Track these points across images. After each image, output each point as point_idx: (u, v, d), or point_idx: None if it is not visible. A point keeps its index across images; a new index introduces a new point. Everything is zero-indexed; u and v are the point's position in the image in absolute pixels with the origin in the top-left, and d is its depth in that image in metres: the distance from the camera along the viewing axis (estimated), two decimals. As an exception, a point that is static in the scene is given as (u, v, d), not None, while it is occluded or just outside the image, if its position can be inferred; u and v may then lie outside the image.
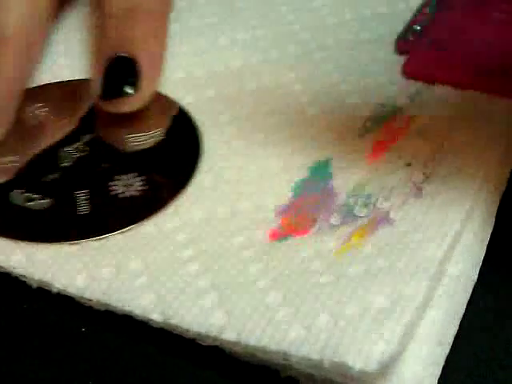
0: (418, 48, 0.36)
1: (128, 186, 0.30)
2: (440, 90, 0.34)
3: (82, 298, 0.27)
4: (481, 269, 0.28)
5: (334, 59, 0.36)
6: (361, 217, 0.29)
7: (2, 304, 0.28)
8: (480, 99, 0.34)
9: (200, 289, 0.27)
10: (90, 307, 0.27)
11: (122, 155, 0.32)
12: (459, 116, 0.33)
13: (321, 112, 0.34)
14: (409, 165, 0.31)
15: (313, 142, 0.32)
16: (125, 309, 0.26)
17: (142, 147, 0.32)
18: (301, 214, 0.29)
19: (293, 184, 0.31)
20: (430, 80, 0.35)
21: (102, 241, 0.29)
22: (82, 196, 0.30)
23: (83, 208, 0.30)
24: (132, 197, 0.30)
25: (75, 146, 0.32)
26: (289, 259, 0.28)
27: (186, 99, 0.34)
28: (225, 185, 0.31)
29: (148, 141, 0.32)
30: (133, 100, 0.31)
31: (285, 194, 0.30)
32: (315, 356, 0.24)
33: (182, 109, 0.34)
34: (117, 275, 0.27)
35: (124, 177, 0.31)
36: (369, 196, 0.30)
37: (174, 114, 0.33)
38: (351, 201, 0.30)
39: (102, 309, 0.27)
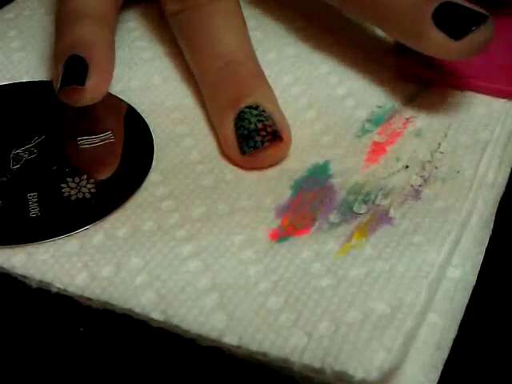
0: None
1: (79, 188, 0.30)
2: (437, 92, 0.34)
3: (81, 297, 0.27)
4: (480, 272, 0.28)
5: (332, 61, 0.36)
6: (360, 214, 0.29)
7: (1, 305, 0.28)
8: (477, 100, 0.34)
9: (201, 288, 0.27)
10: (89, 307, 0.27)
11: (72, 157, 0.32)
12: (457, 117, 0.33)
13: (319, 114, 0.34)
14: (406, 167, 0.31)
15: (311, 144, 0.33)
16: (125, 307, 0.26)
17: (92, 149, 0.32)
18: (300, 213, 0.30)
19: (292, 183, 0.31)
20: (428, 81, 0.35)
21: (102, 239, 0.29)
22: (33, 198, 0.30)
23: (35, 210, 0.30)
24: (84, 199, 0.30)
25: (26, 148, 0.32)
26: (289, 261, 0.28)
27: (166, 103, 0.35)
28: (225, 185, 0.31)
29: (99, 143, 0.32)
30: (83, 92, 0.32)
31: (284, 194, 0.30)
32: (317, 364, 0.24)
33: (134, 111, 0.34)
34: (117, 273, 0.27)
35: (76, 179, 0.31)
36: (368, 193, 0.30)
37: (124, 115, 0.34)
38: (350, 198, 0.30)
39: (102, 308, 0.27)
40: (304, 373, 0.25)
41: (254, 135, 0.31)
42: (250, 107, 0.32)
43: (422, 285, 0.26)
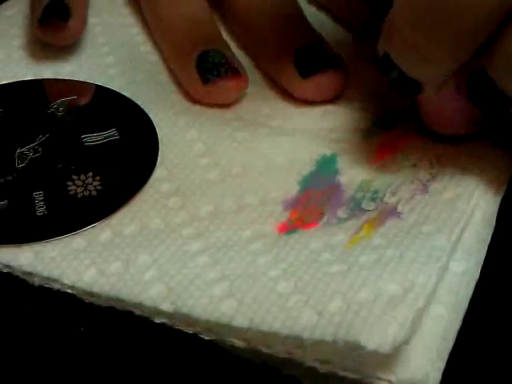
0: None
1: (85, 185, 0.30)
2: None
3: (90, 293, 0.27)
4: (483, 266, 0.28)
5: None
6: (369, 210, 0.29)
7: (2, 304, 0.28)
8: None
9: (210, 279, 0.27)
10: (90, 307, 0.27)
11: (77, 155, 0.32)
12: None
13: (326, 111, 0.34)
14: (414, 165, 0.31)
15: (319, 139, 0.33)
16: (134, 301, 0.26)
17: (97, 146, 0.32)
18: (309, 208, 0.30)
19: (300, 178, 0.31)
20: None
21: (109, 237, 0.29)
22: (39, 197, 0.30)
23: (41, 209, 0.30)
24: (90, 196, 0.30)
25: (31, 146, 0.32)
26: (298, 251, 0.28)
27: (169, 96, 0.35)
28: (232, 179, 0.31)
29: (103, 140, 0.32)
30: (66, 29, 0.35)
31: (292, 188, 0.30)
32: (328, 338, 0.24)
33: (138, 107, 0.34)
34: (126, 269, 0.27)
35: (82, 176, 0.31)
36: (376, 191, 0.30)
37: (128, 112, 0.34)
38: (359, 195, 0.30)
39: (106, 305, 0.27)
40: (308, 363, 0.25)
41: (217, 66, 0.33)
42: (213, 50, 0.34)
43: (433, 268, 0.26)
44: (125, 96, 0.34)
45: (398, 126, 0.33)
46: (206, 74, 0.33)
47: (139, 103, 0.34)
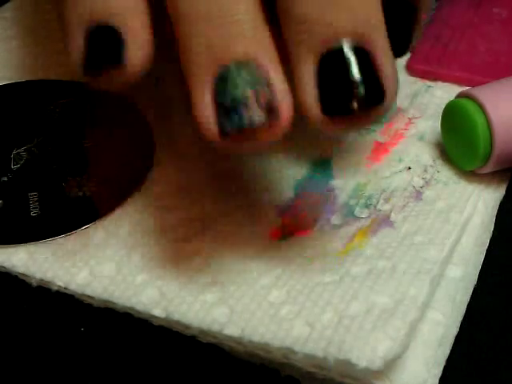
0: (423, 44, 0.36)
1: (80, 186, 0.30)
2: (440, 91, 0.34)
3: (82, 295, 0.27)
4: (480, 271, 0.28)
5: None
6: (362, 218, 0.29)
7: (1, 304, 0.28)
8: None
9: (202, 284, 0.27)
10: (89, 307, 0.27)
11: (73, 156, 0.32)
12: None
13: None
14: (409, 168, 0.31)
15: (313, 140, 0.32)
16: (126, 305, 0.26)
17: (93, 147, 0.32)
18: (302, 214, 0.29)
19: (293, 183, 0.31)
20: (434, 77, 0.35)
21: (103, 238, 0.28)
22: (34, 197, 0.30)
23: (36, 209, 0.29)
24: (85, 197, 0.30)
25: (27, 147, 0.32)
26: (290, 258, 0.28)
27: (164, 95, 0.34)
28: (226, 181, 0.31)
29: (99, 141, 0.32)
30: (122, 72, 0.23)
31: (285, 193, 0.30)
32: (319, 353, 0.24)
33: (134, 108, 0.34)
34: (118, 272, 0.27)
35: (77, 177, 0.31)
36: (370, 197, 0.30)
37: (124, 112, 0.33)
38: (352, 201, 0.30)
39: (103, 306, 0.27)
40: (304, 367, 0.24)
41: (239, 106, 0.22)
42: (238, 65, 0.22)
43: (424, 280, 0.26)
44: (122, 97, 0.34)
45: (392, 120, 0.33)
46: (222, 121, 0.22)
47: (136, 104, 0.34)
